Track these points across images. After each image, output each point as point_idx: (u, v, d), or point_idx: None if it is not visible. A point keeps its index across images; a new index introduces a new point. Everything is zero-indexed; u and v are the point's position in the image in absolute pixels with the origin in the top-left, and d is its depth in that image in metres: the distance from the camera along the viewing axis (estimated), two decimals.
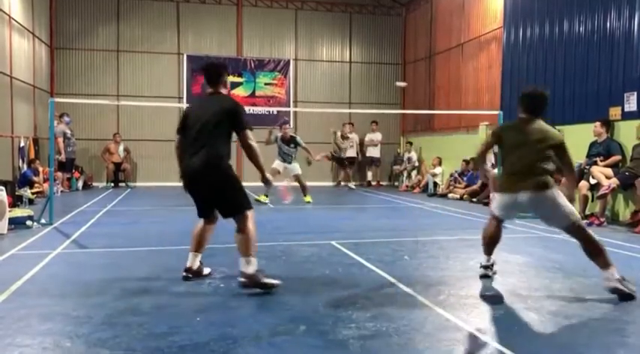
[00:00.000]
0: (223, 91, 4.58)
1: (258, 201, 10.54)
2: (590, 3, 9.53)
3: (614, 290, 4.12)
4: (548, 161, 4.42)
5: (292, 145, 11.20)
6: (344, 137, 15.87)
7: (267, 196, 10.83)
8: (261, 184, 4.84)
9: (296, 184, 10.93)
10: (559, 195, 4.35)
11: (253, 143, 4.36)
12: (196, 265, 4.65)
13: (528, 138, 4.45)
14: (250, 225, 4.31)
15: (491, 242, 4.74)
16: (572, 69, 9.92)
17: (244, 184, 4.58)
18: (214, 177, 4.31)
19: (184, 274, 4.59)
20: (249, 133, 4.37)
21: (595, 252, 4.30)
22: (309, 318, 3.63)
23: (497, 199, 4.71)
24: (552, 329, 3.52)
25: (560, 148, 4.46)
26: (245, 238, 4.27)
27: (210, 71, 4.57)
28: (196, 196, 4.51)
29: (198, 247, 4.67)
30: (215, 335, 3.27)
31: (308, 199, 11.07)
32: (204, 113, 4.38)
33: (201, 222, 4.68)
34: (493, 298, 4.18)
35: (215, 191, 4.36)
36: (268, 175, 4.70)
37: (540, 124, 4.55)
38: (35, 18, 13.78)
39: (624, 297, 4.08)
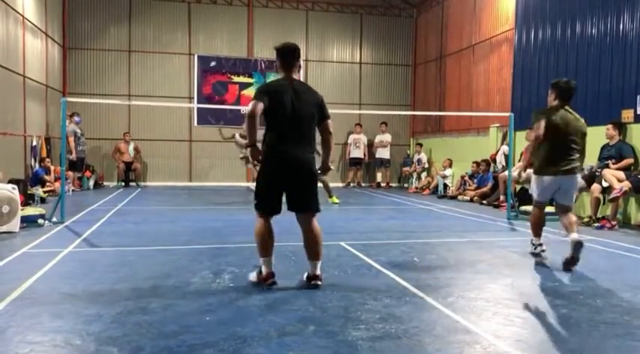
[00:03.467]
0: (296, 76, 4.55)
1: (335, 203, 10.99)
2: (603, 4, 9.46)
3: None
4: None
5: None
6: (242, 136, 13.25)
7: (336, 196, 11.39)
8: None
9: None
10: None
11: (332, 131, 4.64)
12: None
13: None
14: (318, 226, 4.52)
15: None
16: (585, 71, 9.85)
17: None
18: (309, 169, 4.42)
19: (273, 280, 4.41)
20: (330, 121, 4.60)
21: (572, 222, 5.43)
22: (318, 318, 3.63)
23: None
24: (562, 332, 3.50)
25: None
26: (319, 239, 4.46)
27: (286, 53, 4.50)
28: (281, 186, 4.37)
29: (272, 249, 4.45)
30: (224, 335, 3.28)
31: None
32: (304, 103, 4.37)
33: (264, 222, 4.41)
34: (503, 301, 4.16)
35: (304, 183, 4.41)
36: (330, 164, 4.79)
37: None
38: (48, 18, 13.90)
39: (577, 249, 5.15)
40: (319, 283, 4.45)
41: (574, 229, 5.33)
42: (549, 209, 8.99)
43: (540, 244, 5.74)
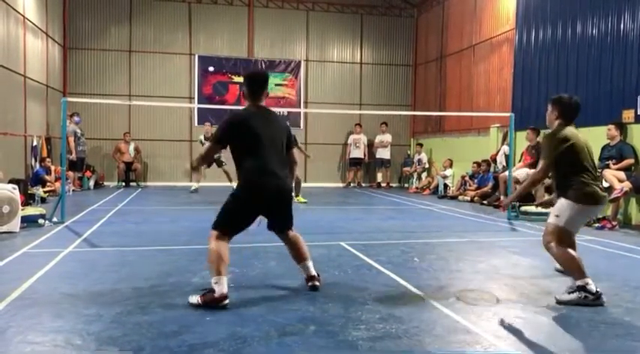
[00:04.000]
0: (263, 103, 4.43)
1: (301, 202, 10.94)
2: (604, 4, 9.46)
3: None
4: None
5: None
6: (207, 138, 13.30)
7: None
8: None
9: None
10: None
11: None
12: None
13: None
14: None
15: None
16: (585, 71, 9.85)
17: None
18: (290, 194, 4.50)
19: (226, 302, 3.93)
20: (296, 150, 4.68)
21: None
22: (318, 318, 3.64)
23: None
24: (562, 333, 3.50)
25: None
26: (300, 241, 4.51)
27: (257, 81, 4.38)
28: (260, 211, 4.28)
29: (226, 268, 4.10)
30: (225, 335, 3.28)
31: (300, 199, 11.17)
32: (274, 130, 4.30)
33: (224, 241, 4.14)
34: (503, 301, 4.16)
35: (285, 207, 4.42)
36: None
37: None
38: (49, 18, 13.91)
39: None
40: (317, 284, 4.36)
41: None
42: (537, 209, 9.10)
43: (596, 294, 4.09)
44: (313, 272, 4.42)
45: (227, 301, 3.90)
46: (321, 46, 17.21)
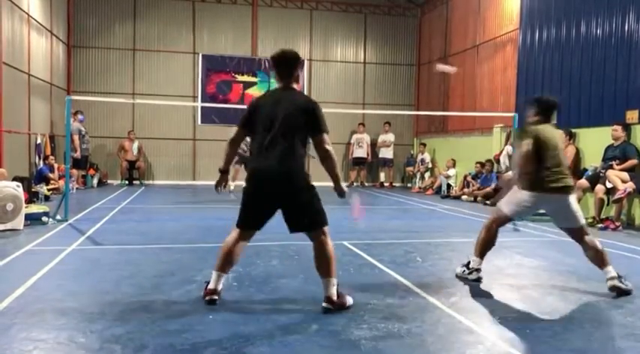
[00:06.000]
0: (295, 86, 4.03)
1: None
2: (608, 5, 9.43)
3: (613, 288, 4.34)
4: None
5: None
6: None
7: None
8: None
9: None
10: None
11: (330, 148, 3.87)
12: (220, 287, 3.93)
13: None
14: (330, 241, 3.87)
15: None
16: (589, 71, 9.82)
17: None
18: (292, 183, 3.82)
19: (211, 297, 3.86)
20: (326, 136, 3.86)
21: (597, 254, 4.51)
22: (321, 318, 3.64)
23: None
24: (565, 334, 3.49)
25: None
26: (327, 257, 3.82)
27: (282, 63, 4.01)
28: (259, 203, 3.88)
29: (228, 266, 3.97)
30: (227, 333, 3.29)
31: None
32: (282, 110, 3.80)
33: (235, 235, 3.98)
34: (506, 301, 4.15)
35: (291, 199, 3.83)
36: (344, 187, 4.12)
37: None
38: (53, 16, 13.93)
39: (622, 293, 4.33)
40: (324, 305, 3.76)
41: (606, 261, 4.45)
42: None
43: (479, 270, 4.71)
44: (329, 293, 3.78)
45: (213, 297, 3.84)
46: (325, 45, 17.20)
